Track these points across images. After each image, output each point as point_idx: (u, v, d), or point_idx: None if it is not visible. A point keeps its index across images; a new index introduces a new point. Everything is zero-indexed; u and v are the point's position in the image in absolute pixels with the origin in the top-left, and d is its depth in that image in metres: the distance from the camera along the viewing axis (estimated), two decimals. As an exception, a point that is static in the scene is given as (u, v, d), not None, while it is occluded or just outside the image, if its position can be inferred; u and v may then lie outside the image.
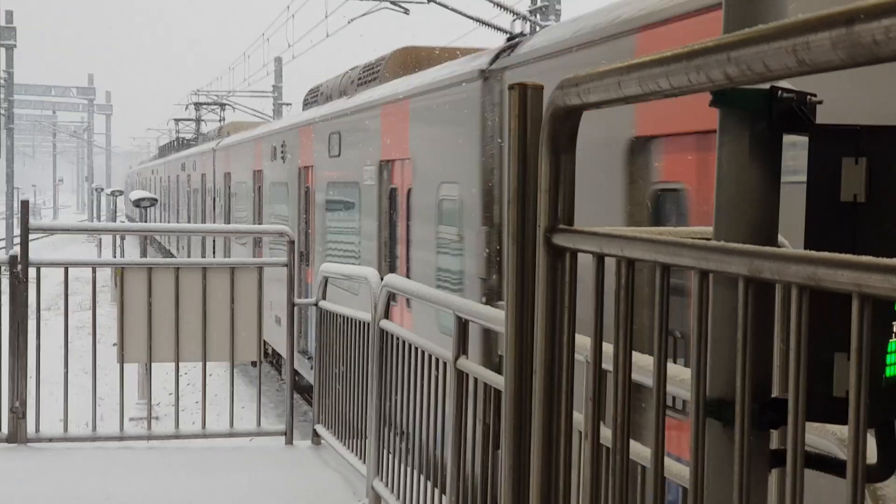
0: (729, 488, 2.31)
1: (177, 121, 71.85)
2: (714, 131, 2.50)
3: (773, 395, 2.48)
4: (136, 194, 25.61)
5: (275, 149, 24.50)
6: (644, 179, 8.42)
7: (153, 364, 10.82)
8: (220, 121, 60.55)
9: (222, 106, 61.62)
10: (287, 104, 57.33)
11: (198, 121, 65.90)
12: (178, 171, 49.22)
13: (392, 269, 15.54)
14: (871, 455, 2.41)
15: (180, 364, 10.73)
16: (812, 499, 2.37)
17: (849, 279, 1.91)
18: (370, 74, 20.25)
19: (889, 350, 2.23)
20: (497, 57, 12.06)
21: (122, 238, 38.84)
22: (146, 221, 29.76)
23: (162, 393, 18.28)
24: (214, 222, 33.92)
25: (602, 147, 8.75)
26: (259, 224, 26.43)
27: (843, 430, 3.06)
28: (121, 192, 57.07)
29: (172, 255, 49.10)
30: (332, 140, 19.04)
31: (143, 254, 21.63)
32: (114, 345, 10.89)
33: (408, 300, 13.04)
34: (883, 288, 1.84)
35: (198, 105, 64.80)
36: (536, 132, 2.98)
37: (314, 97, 25.71)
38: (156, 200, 26.29)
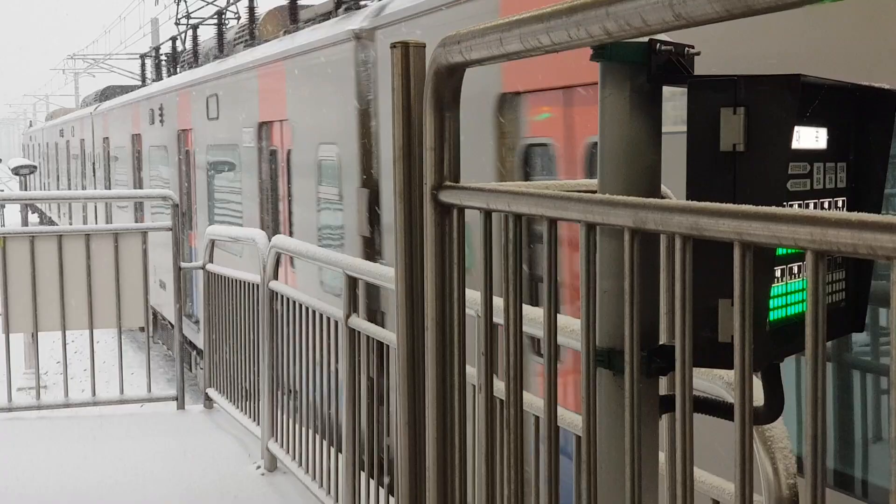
0: (621, 435, 2.36)
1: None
2: None
3: (661, 343, 2.53)
4: (15, 162, 25.18)
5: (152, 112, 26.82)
6: None
7: (39, 333, 10.68)
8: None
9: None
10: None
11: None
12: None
13: (276, 230, 16.49)
14: (759, 398, 2.47)
15: (67, 332, 10.61)
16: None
17: (730, 228, 1.95)
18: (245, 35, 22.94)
19: (772, 295, 2.28)
20: (375, 14, 12.27)
21: (2, 207, 38.17)
22: (27, 189, 29.30)
23: (49, 362, 18.05)
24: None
25: None
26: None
27: (730, 375, 3.12)
28: (-1, 160, 55.92)
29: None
30: (211, 103, 20.44)
31: (25, 222, 21.29)
32: (-2, 315, 10.74)
33: (291, 260, 13.52)
34: (763, 235, 1.89)
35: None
36: (420, 90, 2.99)
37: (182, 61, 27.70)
38: (35, 168, 25.86)
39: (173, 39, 33.48)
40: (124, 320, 10.77)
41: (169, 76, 32.96)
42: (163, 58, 38.02)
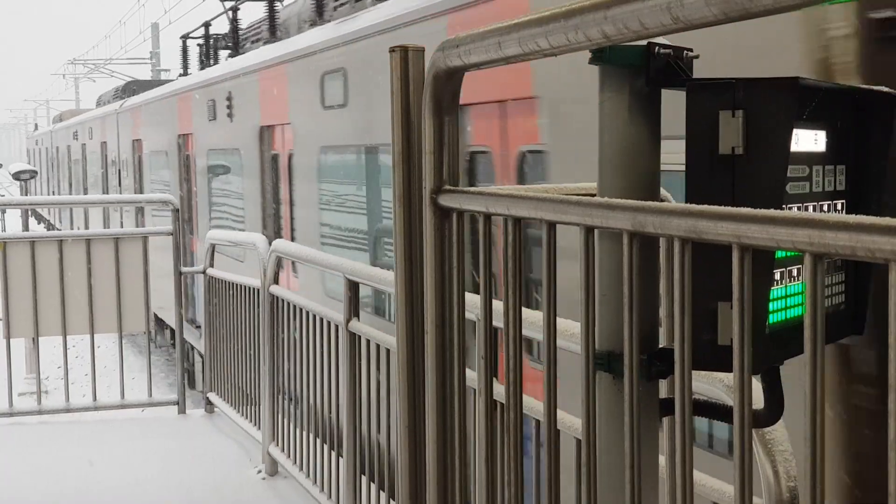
0: (621, 438, 2.36)
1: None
2: None
3: (661, 346, 2.53)
4: (15, 167, 25.19)
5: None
6: None
7: (40, 338, 10.68)
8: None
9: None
10: (165, 70, 56.12)
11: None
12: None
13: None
14: (759, 401, 2.46)
15: (68, 337, 10.61)
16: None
17: (728, 231, 1.95)
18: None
19: (771, 298, 2.28)
20: None
21: (3, 212, 38.20)
22: (27, 194, 29.29)
23: (50, 367, 18.04)
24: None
25: None
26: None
27: (729, 378, 3.12)
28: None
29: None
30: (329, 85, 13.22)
31: (25, 227, 21.29)
32: (-1, 320, 10.74)
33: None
34: (761, 238, 1.89)
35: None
36: (419, 94, 2.99)
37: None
38: (35, 173, 25.83)
39: (233, 10, 25.02)
40: (125, 325, 10.77)
41: (209, 63, 27.28)
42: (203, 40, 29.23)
